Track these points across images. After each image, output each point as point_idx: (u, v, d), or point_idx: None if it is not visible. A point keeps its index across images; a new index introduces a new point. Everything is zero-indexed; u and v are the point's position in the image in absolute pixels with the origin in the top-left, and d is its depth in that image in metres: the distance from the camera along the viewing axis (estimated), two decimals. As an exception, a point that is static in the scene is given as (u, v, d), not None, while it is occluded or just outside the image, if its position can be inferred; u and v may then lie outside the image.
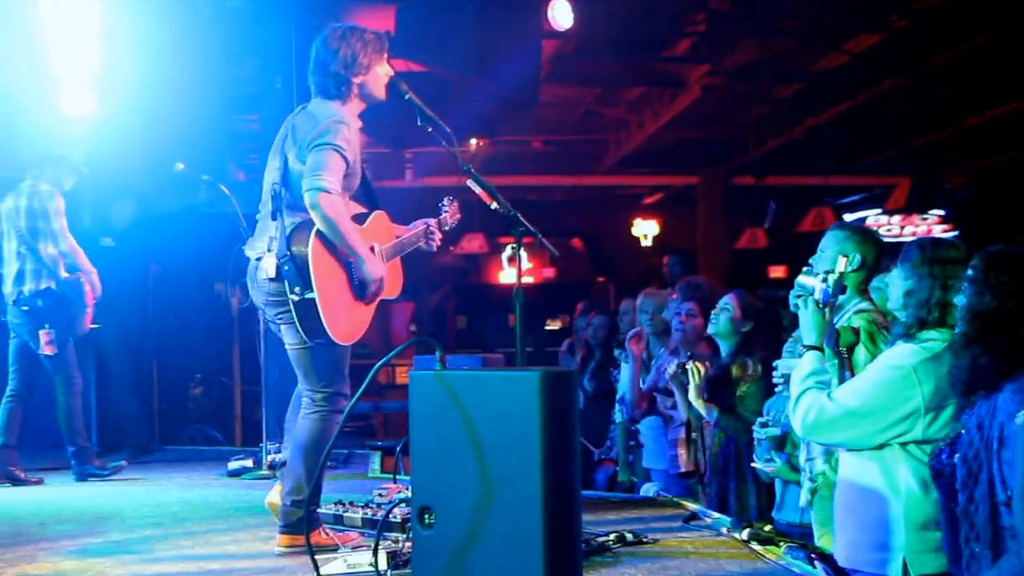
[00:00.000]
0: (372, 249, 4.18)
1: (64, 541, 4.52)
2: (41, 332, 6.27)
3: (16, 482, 6.25)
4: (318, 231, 3.94)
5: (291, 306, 3.93)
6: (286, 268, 3.92)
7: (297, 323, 3.96)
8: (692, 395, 5.15)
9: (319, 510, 4.31)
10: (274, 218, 4.06)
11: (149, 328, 6.76)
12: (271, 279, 4.00)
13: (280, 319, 4.08)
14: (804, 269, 3.80)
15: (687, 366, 5.19)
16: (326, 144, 3.94)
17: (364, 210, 4.37)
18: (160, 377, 8.92)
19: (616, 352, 6.27)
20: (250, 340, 7.02)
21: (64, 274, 6.36)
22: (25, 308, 6.33)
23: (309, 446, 4.08)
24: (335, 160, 3.94)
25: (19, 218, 6.33)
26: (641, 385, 5.90)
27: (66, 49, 6.53)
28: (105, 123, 6.72)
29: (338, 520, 4.49)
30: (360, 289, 4.12)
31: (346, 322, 4.06)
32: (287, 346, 4.18)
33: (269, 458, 6.42)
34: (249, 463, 6.54)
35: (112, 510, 5.30)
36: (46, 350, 6.28)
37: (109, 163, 6.63)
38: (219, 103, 7.69)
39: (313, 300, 3.90)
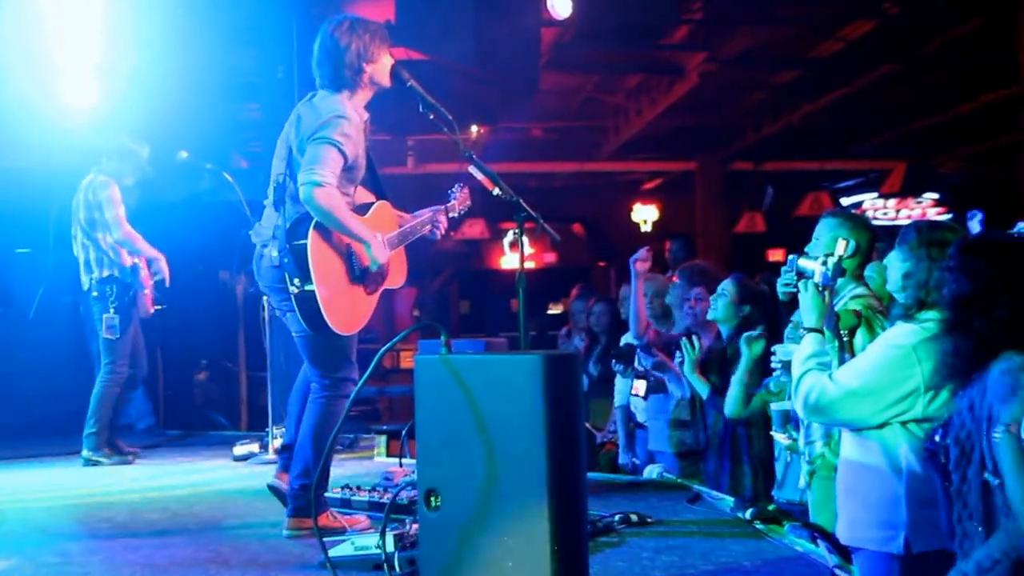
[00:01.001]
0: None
1: (72, 526, 4.55)
2: (104, 316, 6.44)
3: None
4: (317, 224, 3.98)
5: (291, 297, 3.99)
6: (286, 260, 3.98)
7: (298, 314, 4.01)
8: (687, 369, 5.21)
9: (326, 494, 4.36)
10: (277, 209, 4.10)
11: (154, 315, 6.80)
12: (275, 267, 4.05)
13: (285, 306, 4.12)
14: (790, 258, 3.85)
15: (682, 341, 5.25)
16: (324, 138, 3.98)
17: (372, 198, 4.42)
18: (165, 363, 8.94)
19: (614, 364, 6.20)
20: (255, 326, 7.05)
21: (129, 260, 6.49)
22: (95, 295, 6.50)
23: (317, 430, 4.13)
24: (332, 154, 3.98)
25: (80, 211, 6.49)
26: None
27: (68, 39, 6.55)
28: (107, 112, 6.73)
29: (345, 503, 4.52)
30: (362, 278, 4.16)
31: (347, 313, 4.10)
32: (293, 333, 4.22)
33: (275, 443, 6.47)
34: (255, 448, 6.57)
35: (119, 495, 5.33)
36: (106, 334, 6.44)
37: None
38: (221, 92, 7.72)
39: (312, 292, 3.95)
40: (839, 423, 3.45)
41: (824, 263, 3.58)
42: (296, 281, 3.95)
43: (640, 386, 5.94)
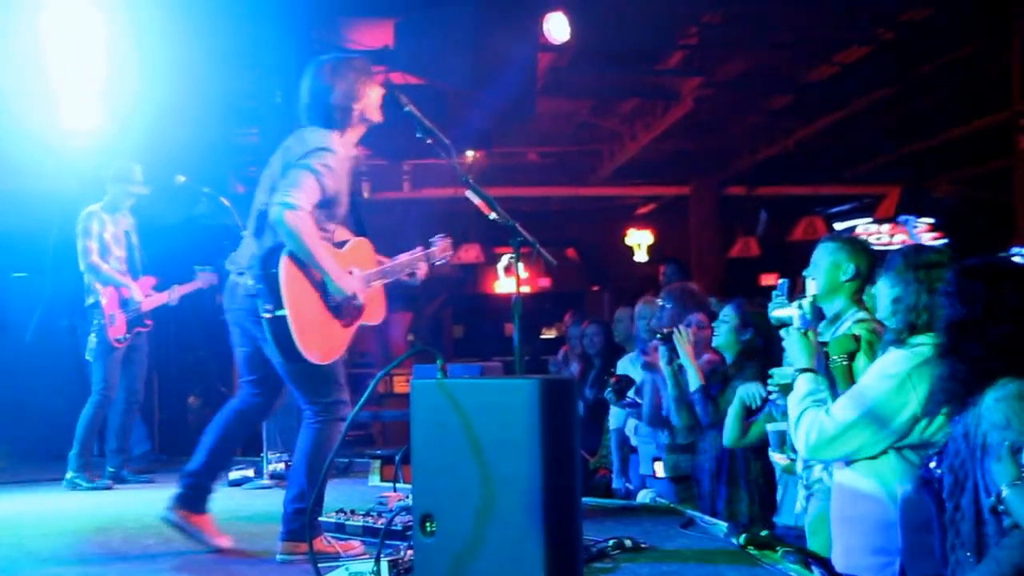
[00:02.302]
0: (350, 273, 4.20)
1: (66, 552, 4.54)
2: (88, 341, 6.55)
3: (124, 481, 6.69)
4: (290, 250, 3.97)
5: (264, 324, 3.96)
6: (259, 286, 3.96)
7: (271, 340, 3.98)
8: (684, 358, 5.21)
9: (320, 518, 4.34)
10: (258, 236, 4.10)
11: (149, 339, 6.81)
12: (251, 296, 4.04)
13: (259, 334, 4.09)
14: (781, 282, 3.85)
15: (675, 332, 5.24)
16: (304, 165, 3.99)
17: (349, 237, 4.41)
18: (160, 387, 8.92)
19: (607, 393, 6.17)
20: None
21: (99, 289, 6.54)
22: (87, 319, 6.59)
23: (312, 455, 4.11)
24: (309, 181, 3.96)
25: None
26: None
27: (69, 62, 6.56)
28: (107, 136, 6.75)
29: (339, 528, 4.51)
30: (337, 310, 4.12)
31: (320, 342, 4.05)
32: (279, 363, 4.14)
33: (270, 467, 6.46)
34: (250, 473, 6.56)
35: (113, 520, 5.30)
36: (87, 355, 6.54)
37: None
38: (219, 116, 7.73)
39: (284, 318, 3.92)
40: (842, 457, 3.41)
41: (800, 307, 3.59)
42: (268, 306, 3.93)
43: (660, 467, 5.84)
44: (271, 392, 4.39)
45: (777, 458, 4.33)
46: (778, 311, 3.69)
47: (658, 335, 5.41)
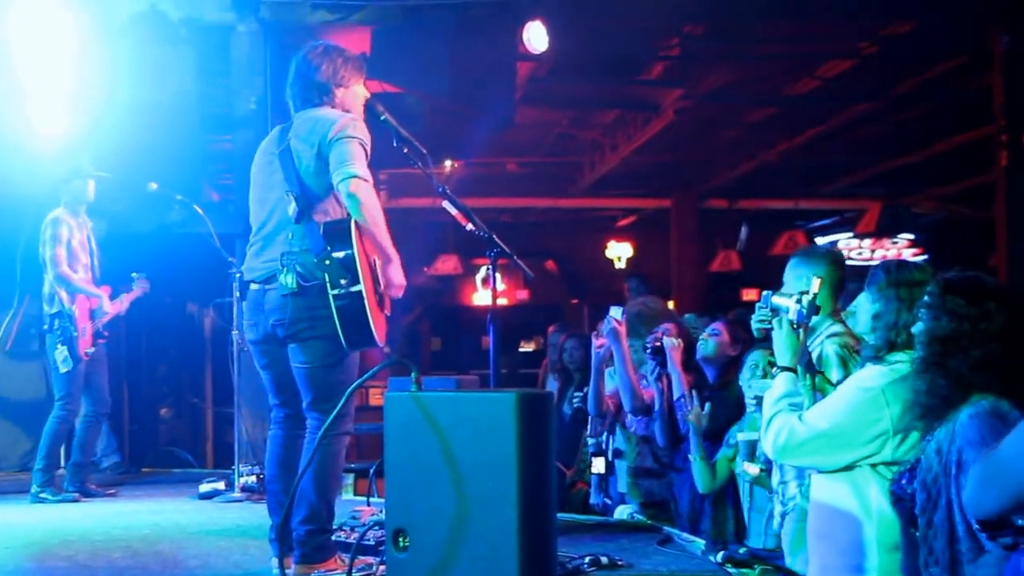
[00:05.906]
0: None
1: (32, 565, 4.47)
2: (55, 352, 6.40)
3: (89, 495, 6.49)
4: (356, 222, 3.87)
5: (331, 304, 3.81)
6: (327, 263, 3.82)
7: (337, 321, 3.82)
8: (670, 365, 5.17)
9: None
10: (298, 220, 3.91)
11: (120, 349, 6.72)
12: (292, 294, 3.87)
13: (305, 334, 3.92)
14: (765, 294, 3.81)
15: (664, 340, 5.19)
16: (348, 136, 3.87)
17: None
18: (131, 398, 8.83)
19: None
20: (223, 361, 6.98)
21: (68, 299, 6.42)
22: (45, 327, 6.48)
23: (319, 473, 3.92)
24: (359, 150, 3.87)
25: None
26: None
27: (39, 66, 6.50)
28: (78, 142, 6.67)
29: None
30: (379, 295, 4.03)
31: (378, 322, 3.95)
32: (304, 365, 3.98)
33: (241, 480, 6.38)
34: (221, 485, 6.48)
35: (80, 533, 5.22)
36: (61, 368, 6.40)
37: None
38: (192, 123, 7.66)
39: (359, 293, 3.80)
40: (808, 465, 3.43)
41: (799, 300, 3.54)
42: (343, 281, 3.79)
43: (599, 463, 5.84)
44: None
45: (748, 468, 4.30)
46: (777, 299, 3.64)
47: (648, 348, 5.35)
